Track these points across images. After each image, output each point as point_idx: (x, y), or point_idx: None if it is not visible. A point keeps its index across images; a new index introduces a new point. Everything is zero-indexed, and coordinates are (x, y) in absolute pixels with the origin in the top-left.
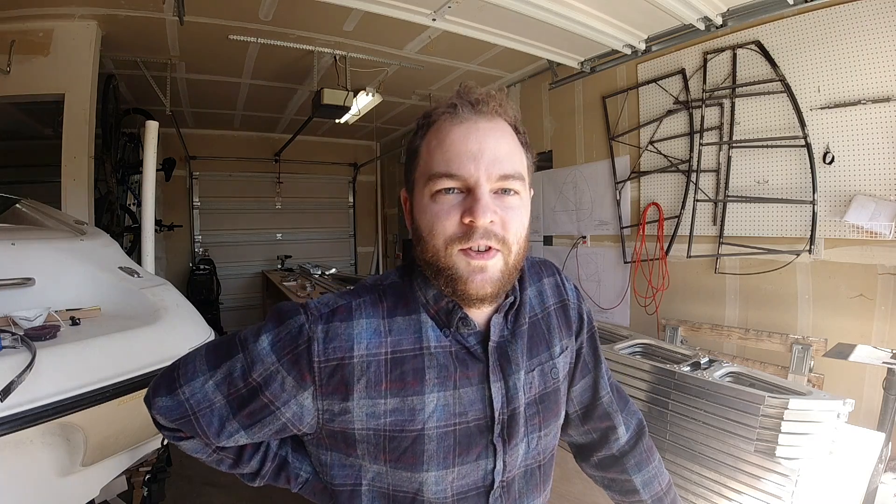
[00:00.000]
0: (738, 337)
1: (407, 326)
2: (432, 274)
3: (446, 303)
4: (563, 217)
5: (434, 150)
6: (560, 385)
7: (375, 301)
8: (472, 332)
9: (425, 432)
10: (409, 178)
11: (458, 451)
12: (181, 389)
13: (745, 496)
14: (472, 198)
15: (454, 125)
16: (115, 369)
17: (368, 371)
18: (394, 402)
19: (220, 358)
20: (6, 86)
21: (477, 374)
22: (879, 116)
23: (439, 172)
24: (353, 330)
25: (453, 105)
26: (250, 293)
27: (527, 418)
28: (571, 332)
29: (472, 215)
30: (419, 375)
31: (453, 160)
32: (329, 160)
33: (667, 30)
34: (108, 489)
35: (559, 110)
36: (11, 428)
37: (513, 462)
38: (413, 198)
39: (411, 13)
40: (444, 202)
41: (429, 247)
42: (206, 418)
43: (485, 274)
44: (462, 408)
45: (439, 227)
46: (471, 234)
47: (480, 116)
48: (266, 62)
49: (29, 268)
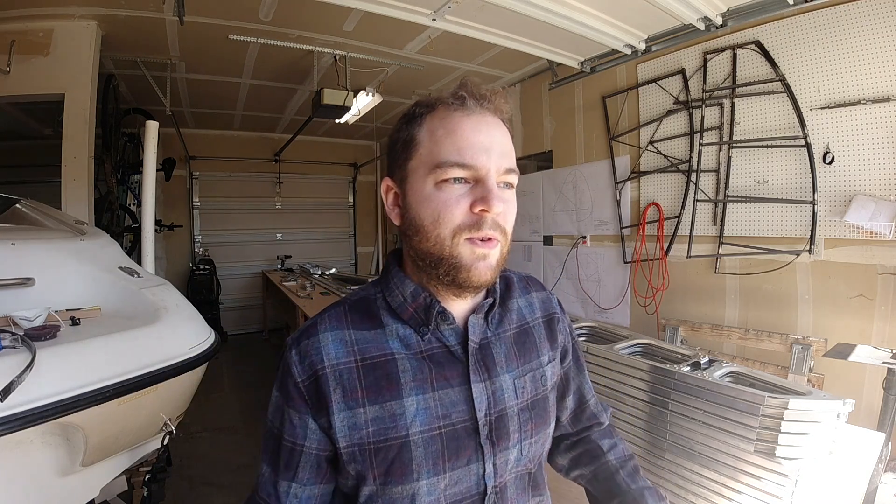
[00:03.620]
0: (738, 337)
1: (373, 338)
2: (430, 263)
3: (424, 297)
4: (563, 217)
5: (442, 139)
6: (549, 393)
7: (340, 315)
8: (451, 328)
9: (410, 438)
10: (400, 166)
11: (447, 455)
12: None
13: (745, 496)
14: (482, 188)
15: (464, 116)
16: (115, 369)
17: (342, 379)
18: (373, 410)
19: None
20: (6, 86)
21: (457, 375)
22: (879, 116)
23: (450, 161)
24: (319, 343)
25: (462, 97)
26: (250, 293)
27: (521, 423)
28: (558, 344)
29: (486, 204)
30: (394, 379)
31: (465, 150)
32: (329, 160)
33: (667, 30)
34: (108, 489)
35: (559, 110)
36: (11, 428)
37: (503, 466)
38: (407, 187)
39: (411, 13)
40: (452, 191)
41: (431, 236)
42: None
43: (486, 261)
44: (444, 409)
45: (447, 215)
46: (480, 224)
47: (486, 111)
48: (266, 62)
49: (29, 268)
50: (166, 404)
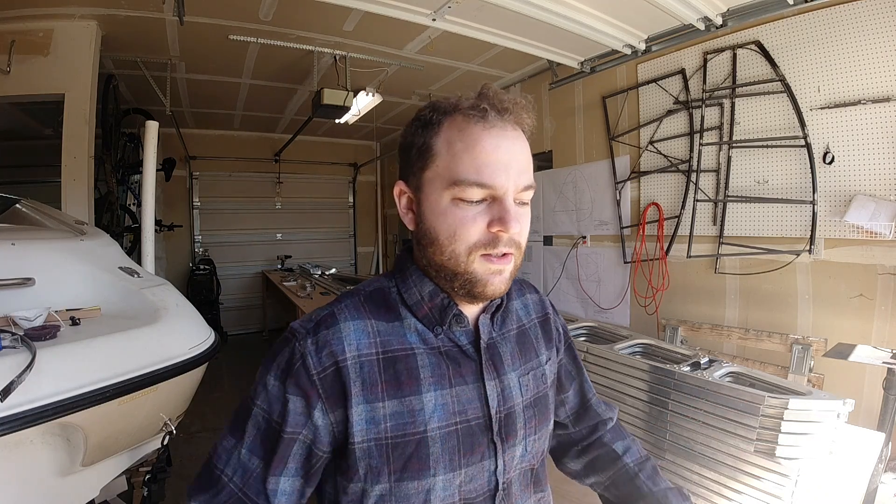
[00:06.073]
0: (738, 337)
1: (392, 330)
2: (445, 276)
3: (441, 299)
4: (563, 217)
5: (460, 153)
6: (549, 391)
7: (357, 305)
8: (463, 329)
9: (428, 434)
10: (415, 173)
11: (463, 451)
12: (223, 474)
13: (745, 496)
14: (500, 207)
15: (484, 130)
16: (115, 369)
17: (363, 372)
18: (392, 405)
19: (241, 423)
20: (6, 86)
21: (471, 373)
22: (879, 116)
23: (469, 180)
24: (341, 333)
25: (483, 109)
26: (250, 293)
27: (525, 420)
28: (552, 345)
29: (503, 226)
30: (413, 374)
31: (484, 169)
32: (329, 160)
33: (667, 30)
34: (108, 489)
35: (559, 110)
36: (11, 428)
37: (511, 462)
38: (422, 196)
39: (411, 13)
40: (470, 209)
41: (447, 251)
42: (252, 489)
43: (502, 276)
44: (461, 406)
45: (464, 233)
46: (496, 243)
47: (507, 123)
48: (266, 62)
49: (29, 268)
50: (166, 404)
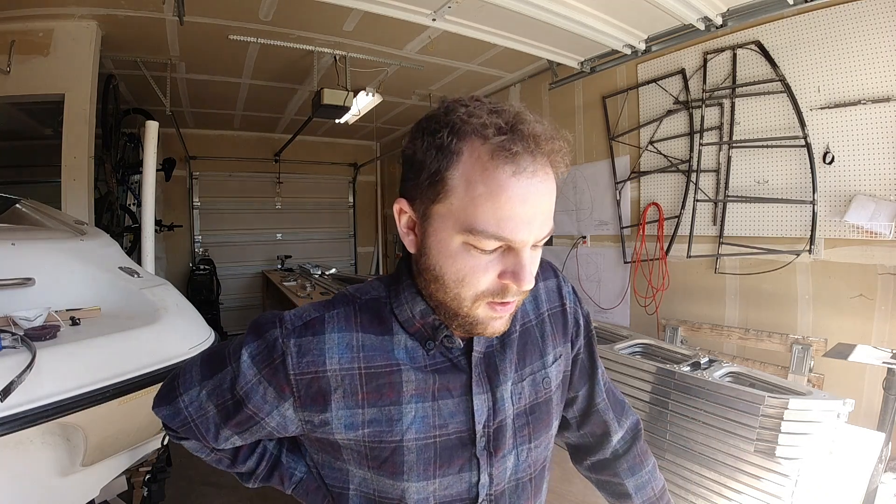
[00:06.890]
0: (738, 337)
1: (379, 345)
2: (444, 313)
3: (433, 319)
4: (563, 217)
5: (481, 199)
6: (552, 395)
7: (350, 314)
8: (456, 346)
9: (404, 444)
10: (423, 200)
11: (439, 463)
12: (181, 398)
13: (745, 496)
14: (515, 260)
15: (511, 177)
16: (115, 369)
17: (344, 383)
18: (371, 413)
19: (212, 369)
20: (6, 86)
21: (459, 386)
22: (879, 116)
23: (487, 233)
24: (324, 344)
25: (513, 152)
26: (250, 293)
27: (515, 430)
28: (567, 339)
29: (517, 281)
30: (396, 388)
31: (507, 224)
32: (329, 160)
33: (667, 30)
34: (108, 489)
35: (559, 110)
36: (11, 428)
37: (501, 475)
38: (429, 228)
39: (411, 13)
40: (482, 258)
41: (451, 293)
42: (203, 425)
43: (503, 319)
44: (442, 420)
45: (473, 280)
46: (505, 293)
47: (539, 166)
48: (266, 62)
49: (29, 268)
50: None
